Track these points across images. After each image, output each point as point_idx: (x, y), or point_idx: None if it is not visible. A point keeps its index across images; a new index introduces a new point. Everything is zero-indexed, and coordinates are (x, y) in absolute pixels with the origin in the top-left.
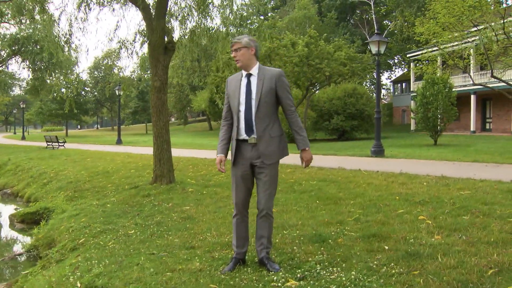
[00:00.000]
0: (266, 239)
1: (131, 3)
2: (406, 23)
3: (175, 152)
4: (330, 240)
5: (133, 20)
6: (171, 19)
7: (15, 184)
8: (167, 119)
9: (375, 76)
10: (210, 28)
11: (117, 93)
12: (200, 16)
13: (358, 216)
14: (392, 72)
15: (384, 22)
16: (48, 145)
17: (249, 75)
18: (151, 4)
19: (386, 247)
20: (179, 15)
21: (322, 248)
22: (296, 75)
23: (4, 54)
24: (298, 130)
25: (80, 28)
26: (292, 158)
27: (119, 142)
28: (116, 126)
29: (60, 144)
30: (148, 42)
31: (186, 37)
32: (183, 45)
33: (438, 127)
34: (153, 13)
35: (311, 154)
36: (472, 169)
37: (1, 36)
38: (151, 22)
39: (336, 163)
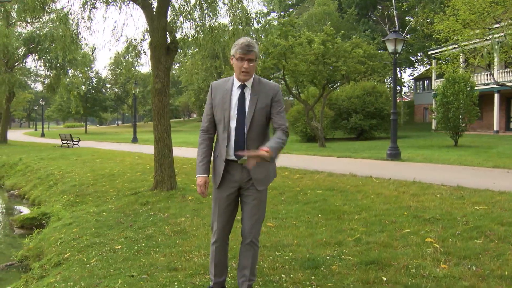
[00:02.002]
0: (249, 270)
1: (131, 2)
2: (428, 20)
3: (188, 153)
4: (323, 267)
5: (140, 18)
6: (180, 17)
7: (23, 185)
8: (168, 123)
9: (396, 73)
10: (214, 28)
11: (132, 91)
12: (206, 14)
13: (360, 236)
14: (415, 69)
15: (406, 18)
16: (63, 143)
17: (243, 87)
18: (154, 3)
19: (384, 278)
20: (188, 13)
21: (313, 277)
22: (312, 74)
23: (21, 52)
24: (278, 140)
25: (87, 27)
26: (302, 162)
27: (134, 140)
28: (137, 122)
29: (74, 142)
30: (149, 42)
31: (196, 35)
32: (197, 43)
33: (459, 127)
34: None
35: (266, 155)
36: (492, 176)
37: (17, 35)
38: (152, 22)
39: (348, 167)
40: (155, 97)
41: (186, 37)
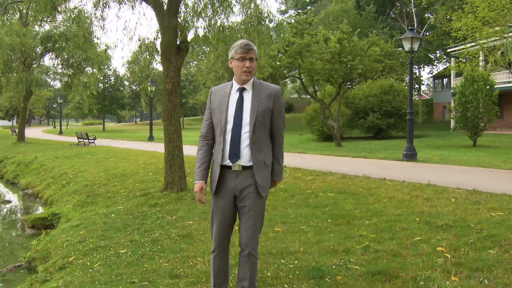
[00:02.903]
0: (248, 281)
1: (144, 1)
2: (448, 17)
3: None
4: (328, 277)
5: (154, 18)
6: (194, 16)
7: (37, 184)
8: (179, 123)
9: (414, 71)
10: (226, 27)
11: (149, 89)
12: (218, 12)
13: (368, 244)
14: (434, 67)
15: (426, 15)
16: (79, 141)
17: (242, 90)
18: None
19: None
20: (199, 12)
21: None
22: (328, 72)
23: (38, 51)
24: (280, 159)
25: (100, 26)
26: (316, 162)
27: (151, 138)
28: (154, 120)
29: (90, 141)
30: (160, 42)
31: (208, 35)
32: (208, 42)
33: (478, 127)
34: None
35: (277, 184)
36: (511, 179)
37: (34, 34)
38: (162, 21)
39: (363, 168)
40: (165, 97)
41: (197, 36)
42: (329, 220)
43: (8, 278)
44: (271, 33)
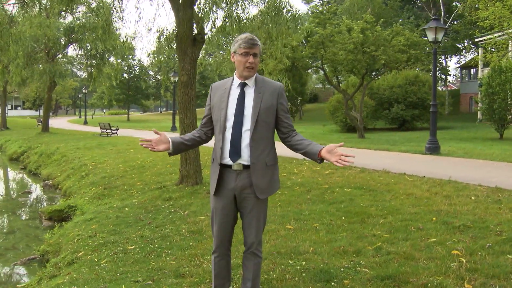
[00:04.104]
0: (251, 282)
1: None
2: (476, 6)
3: None
4: (335, 280)
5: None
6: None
7: (58, 175)
8: (194, 116)
9: (441, 61)
10: (242, 18)
11: (171, 80)
12: (235, 2)
13: (381, 245)
14: (461, 57)
15: (453, 3)
16: (102, 132)
17: (243, 85)
18: None
19: None
20: (216, 2)
21: None
22: (351, 63)
23: (62, 41)
24: (306, 139)
25: (119, 18)
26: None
27: (173, 129)
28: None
29: (113, 131)
30: (175, 33)
31: (224, 25)
32: (225, 34)
33: (505, 119)
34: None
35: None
36: None
37: (57, 25)
38: (178, 12)
39: (384, 162)
40: (180, 90)
41: (213, 27)
42: (343, 217)
43: (21, 271)
44: (289, 24)
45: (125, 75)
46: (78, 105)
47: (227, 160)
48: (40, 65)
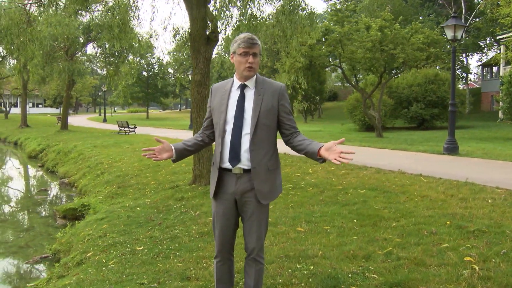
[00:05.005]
0: None
1: None
2: (498, 2)
3: None
4: (342, 287)
5: None
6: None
7: (74, 173)
8: None
9: (462, 59)
10: (255, 16)
11: (189, 78)
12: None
13: (391, 250)
14: (483, 55)
15: (475, 0)
16: (120, 130)
17: (243, 87)
18: None
19: None
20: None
21: None
22: (369, 61)
23: (81, 40)
24: (307, 139)
25: (135, 16)
26: (353, 155)
27: (191, 127)
28: None
29: (130, 129)
30: (189, 32)
31: (238, 24)
32: (238, 33)
33: None
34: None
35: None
36: None
37: (77, 25)
38: (191, 11)
39: (400, 162)
40: (194, 89)
41: (227, 25)
42: (355, 220)
43: (33, 269)
44: (304, 22)
45: (144, 73)
46: (98, 102)
47: (227, 165)
48: (60, 64)
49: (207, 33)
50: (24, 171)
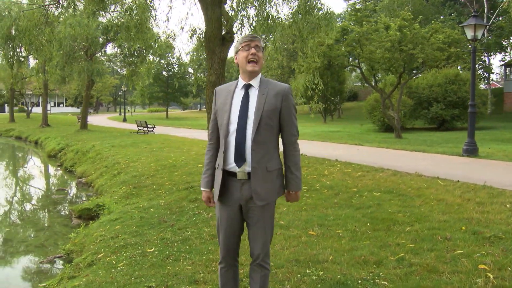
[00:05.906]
0: None
1: None
2: None
3: None
4: None
5: None
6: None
7: (91, 173)
8: None
9: (484, 59)
10: (271, 17)
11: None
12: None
13: (404, 255)
14: (506, 54)
15: None
16: (139, 129)
17: (247, 87)
18: None
19: None
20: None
21: None
22: (388, 61)
23: (100, 40)
24: (293, 168)
25: (152, 17)
26: (371, 156)
27: None
28: None
29: (149, 129)
30: (204, 33)
31: (254, 25)
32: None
33: None
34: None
35: (299, 196)
36: None
37: (96, 25)
38: (206, 11)
39: (418, 164)
40: (208, 90)
41: (242, 25)
42: (368, 224)
43: (46, 269)
44: (321, 23)
45: (164, 72)
46: (118, 102)
47: (231, 166)
48: (80, 63)
49: (223, 33)
50: (43, 170)
